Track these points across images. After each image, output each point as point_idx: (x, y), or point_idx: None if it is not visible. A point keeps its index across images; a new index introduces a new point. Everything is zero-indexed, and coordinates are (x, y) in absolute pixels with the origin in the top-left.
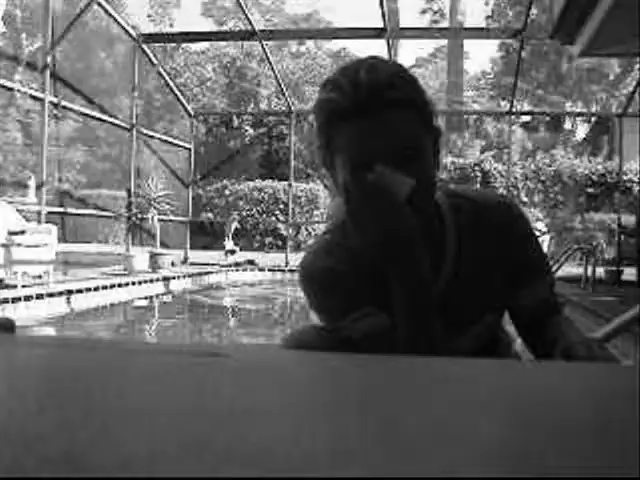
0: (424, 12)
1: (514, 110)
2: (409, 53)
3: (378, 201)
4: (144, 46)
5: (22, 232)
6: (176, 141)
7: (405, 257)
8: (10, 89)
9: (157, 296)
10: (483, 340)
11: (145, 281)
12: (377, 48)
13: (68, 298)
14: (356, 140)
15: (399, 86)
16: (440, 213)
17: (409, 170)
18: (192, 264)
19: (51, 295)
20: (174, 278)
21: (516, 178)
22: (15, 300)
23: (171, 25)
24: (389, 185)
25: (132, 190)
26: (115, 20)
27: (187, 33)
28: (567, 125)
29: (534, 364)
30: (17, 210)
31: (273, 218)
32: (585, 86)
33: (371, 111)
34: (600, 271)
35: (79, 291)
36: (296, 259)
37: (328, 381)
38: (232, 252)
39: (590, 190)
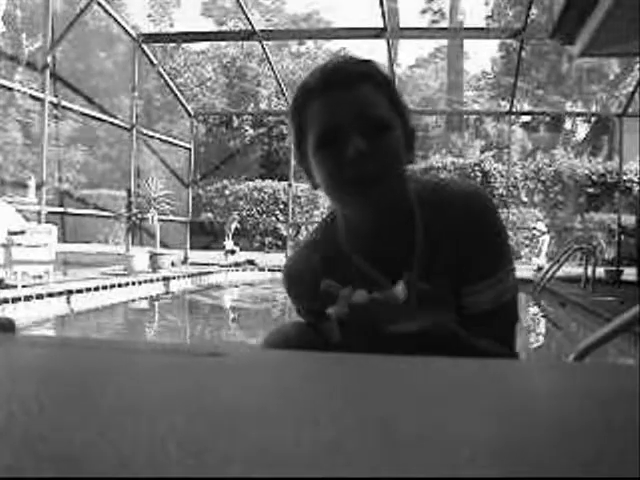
0: (424, 12)
1: (514, 110)
2: (409, 53)
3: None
4: (144, 46)
5: (22, 232)
6: (176, 141)
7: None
8: (10, 89)
9: (157, 296)
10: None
11: (145, 281)
12: (377, 48)
13: (68, 298)
14: (324, 110)
15: (367, 66)
16: (410, 204)
17: (377, 143)
18: (192, 264)
19: (51, 295)
20: (174, 278)
21: (516, 178)
22: (15, 300)
23: (171, 25)
24: (377, 314)
25: (132, 190)
26: (115, 20)
27: (187, 33)
28: (567, 125)
29: (534, 364)
30: (17, 210)
31: (273, 218)
32: (585, 86)
33: (338, 85)
34: (600, 271)
35: (79, 291)
36: None
37: (328, 381)
38: (232, 252)
39: (590, 190)
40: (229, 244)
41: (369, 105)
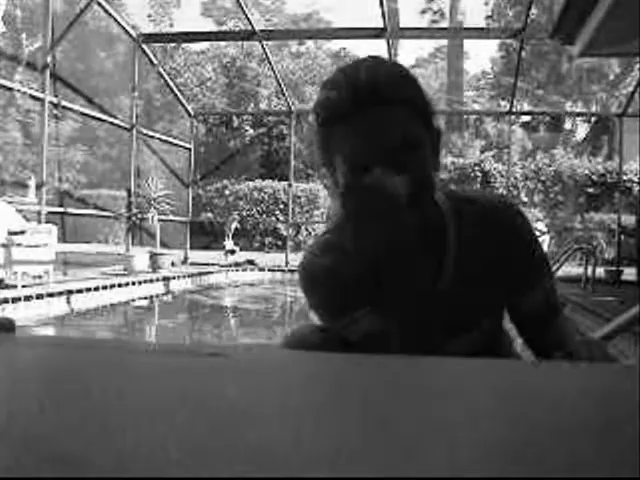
0: (424, 12)
1: (514, 110)
2: (409, 53)
3: (375, 203)
4: (144, 46)
5: (22, 232)
6: (176, 141)
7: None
8: (10, 89)
9: (157, 296)
10: (479, 345)
11: (145, 281)
12: (377, 48)
13: (68, 298)
14: (353, 140)
15: (397, 84)
16: (441, 214)
17: (406, 167)
18: (192, 264)
19: (51, 295)
20: (174, 278)
21: (516, 178)
22: (15, 300)
23: (171, 25)
24: (386, 187)
25: (132, 190)
26: (115, 20)
27: (187, 33)
28: (567, 125)
29: (534, 364)
30: (17, 210)
31: (273, 218)
32: (585, 86)
33: (368, 109)
34: (600, 271)
35: (79, 291)
36: (296, 259)
37: (328, 381)
38: (232, 252)
39: (590, 190)
40: (229, 244)
41: (400, 131)
